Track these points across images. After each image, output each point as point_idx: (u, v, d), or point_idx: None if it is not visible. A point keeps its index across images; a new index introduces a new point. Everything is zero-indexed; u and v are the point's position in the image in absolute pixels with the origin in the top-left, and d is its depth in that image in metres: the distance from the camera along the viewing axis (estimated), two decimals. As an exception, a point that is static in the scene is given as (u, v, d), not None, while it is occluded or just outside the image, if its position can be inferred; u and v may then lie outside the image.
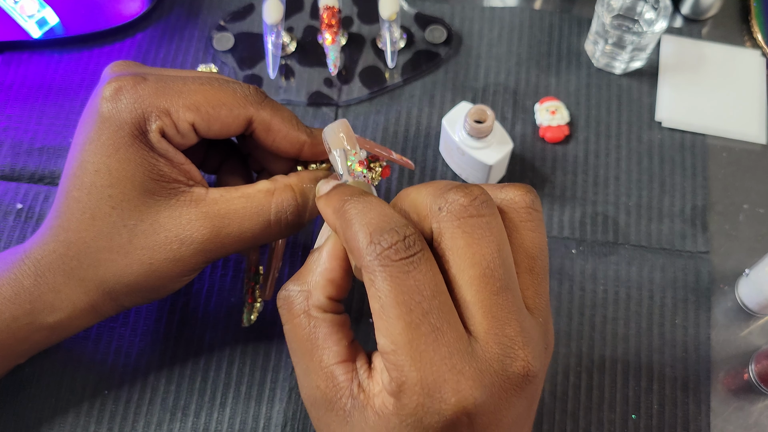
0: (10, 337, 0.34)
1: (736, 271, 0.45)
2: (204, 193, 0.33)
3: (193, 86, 0.33)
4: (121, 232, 0.32)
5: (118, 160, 0.32)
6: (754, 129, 0.50)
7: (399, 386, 0.25)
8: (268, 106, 0.34)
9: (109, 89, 0.32)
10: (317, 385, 0.28)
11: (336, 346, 0.28)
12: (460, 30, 0.53)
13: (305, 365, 0.29)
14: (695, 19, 0.54)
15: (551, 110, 0.49)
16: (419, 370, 0.25)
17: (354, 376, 0.27)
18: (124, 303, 0.35)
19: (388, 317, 0.25)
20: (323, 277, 0.29)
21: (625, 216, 0.47)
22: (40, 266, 0.34)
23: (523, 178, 0.48)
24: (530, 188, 0.29)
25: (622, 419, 0.41)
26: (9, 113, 0.50)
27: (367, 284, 0.26)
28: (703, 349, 0.43)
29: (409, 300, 0.25)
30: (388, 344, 0.25)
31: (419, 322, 0.25)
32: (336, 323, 0.29)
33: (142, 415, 0.40)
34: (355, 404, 0.27)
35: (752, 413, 0.41)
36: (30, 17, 0.51)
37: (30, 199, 0.46)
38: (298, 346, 0.29)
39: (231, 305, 0.43)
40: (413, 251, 0.25)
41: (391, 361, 0.25)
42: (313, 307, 0.29)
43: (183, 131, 0.32)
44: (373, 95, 0.51)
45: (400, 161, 0.37)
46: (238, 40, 0.53)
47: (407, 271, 0.25)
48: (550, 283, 0.44)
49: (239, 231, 0.33)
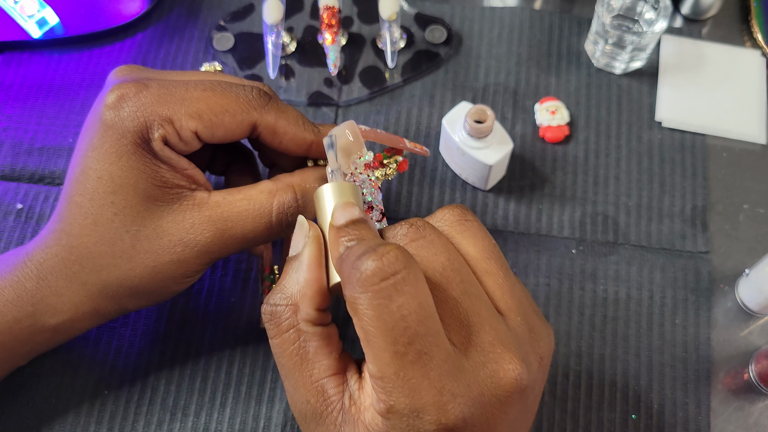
0: (12, 339, 0.34)
1: (736, 271, 0.45)
2: (206, 197, 0.33)
3: (196, 93, 0.32)
4: (123, 238, 0.32)
5: (120, 167, 0.32)
6: (754, 129, 0.50)
7: (388, 409, 0.25)
8: (272, 109, 0.34)
9: (111, 97, 0.32)
10: (307, 399, 0.28)
11: (326, 359, 0.28)
12: (460, 30, 0.53)
13: (294, 380, 0.28)
14: (695, 19, 0.54)
15: (551, 110, 0.49)
16: (407, 396, 0.25)
17: (345, 389, 0.27)
18: (127, 306, 0.35)
19: (373, 347, 0.25)
20: (310, 288, 0.28)
21: (625, 216, 0.47)
22: (43, 269, 0.34)
23: (523, 178, 0.48)
24: (458, 205, 0.31)
25: (622, 419, 0.41)
26: (9, 113, 0.50)
27: (350, 312, 0.25)
28: (703, 349, 0.43)
29: (394, 328, 0.24)
30: (377, 372, 0.25)
31: (405, 351, 0.24)
32: (326, 336, 0.28)
33: (142, 415, 0.40)
34: (346, 418, 0.27)
35: (752, 413, 0.41)
36: (30, 17, 0.51)
37: (30, 199, 0.46)
38: (287, 361, 0.28)
39: (231, 305, 0.43)
40: (394, 269, 0.25)
41: (380, 386, 0.25)
42: (302, 321, 0.28)
43: (186, 139, 0.32)
44: (373, 95, 0.51)
45: (415, 149, 0.36)
46: (238, 40, 0.53)
47: (389, 296, 0.24)
48: (550, 282, 0.44)
49: (242, 232, 0.33)
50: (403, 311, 0.24)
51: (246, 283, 0.44)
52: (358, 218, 0.28)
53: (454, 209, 0.30)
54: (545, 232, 0.46)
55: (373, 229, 0.28)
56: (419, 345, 0.25)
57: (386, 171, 0.35)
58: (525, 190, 0.47)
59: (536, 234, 0.46)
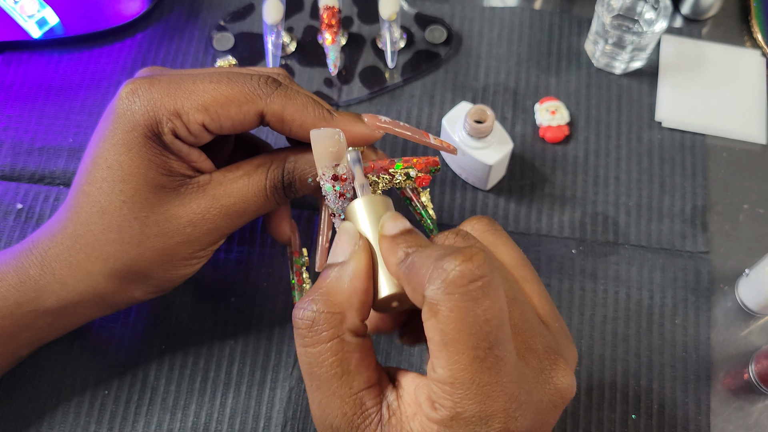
0: (13, 324, 0.34)
1: (736, 271, 0.45)
2: (208, 177, 0.34)
3: (203, 86, 0.33)
4: (132, 225, 0.33)
5: (130, 157, 0.32)
6: (754, 129, 0.50)
7: (453, 417, 0.24)
8: (279, 97, 0.33)
9: (125, 91, 0.33)
10: (344, 412, 0.27)
11: (366, 371, 0.27)
12: (460, 30, 0.53)
13: (330, 392, 0.27)
14: (695, 19, 0.54)
15: (551, 110, 0.49)
16: (480, 403, 0.24)
17: (382, 399, 0.27)
18: (134, 294, 0.35)
19: (450, 351, 0.24)
20: (358, 298, 0.27)
21: (625, 216, 0.47)
22: (47, 257, 0.34)
23: (523, 178, 0.48)
24: (483, 216, 0.30)
25: (622, 419, 0.41)
26: (9, 113, 0.50)
27: (427, 315, 0.25)
28: (703, 349, 0.43)
29: (477, 332, 0.24)
30: (448, 377, 0.24)
31: (485, 356, 0.24)
32: (367, 348, 0.27)
33: (142, 415, 0.40)
34: (387, 430, 0.26)
35: (752, 413, 0.41)
36: (30, 17, 0.51)
37: (30, 199, 0.46)
38: (325, 372, 0.27)
39: (231, 305, 0.43)
40: (483, 272, 0.24)
41: (448, 392, 0.24)
42: (348, 331, 0.27)
43: (195, 132, 0.33)
44: (373, 95, 0.51)
45: (440, 146, 0.35)
46: (238, 40, 0.53)
47: (476, 299, 0.24)
48: (550, 283, 0.44)
49: (244, 206, 0.34)
50: (488, 315, 0.24)
51: (246, 283, 0.44)
52: (410, 228, 0.28)
53: (482, 219, 0.30)
54: (545, 232, 0.46)
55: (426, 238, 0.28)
56: (498, 350, 0.24)
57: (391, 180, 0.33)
58: (525, 190, 0.47)
59: (536, 234, 0.46)
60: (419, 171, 0.33)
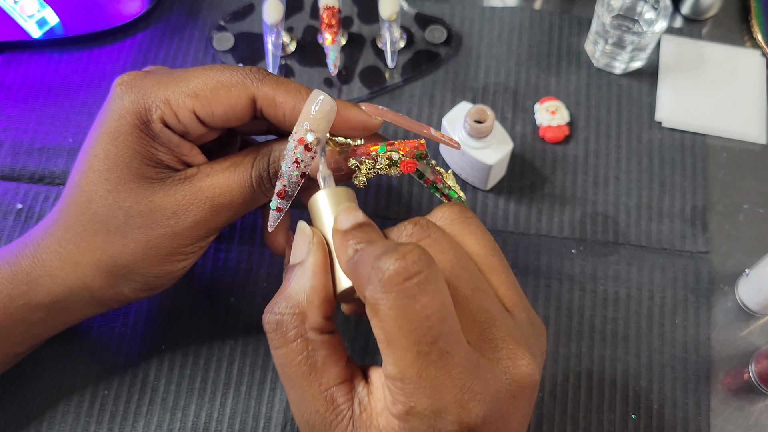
0: (7, 318, 0.34)
1: (736, 271, 0.45)
2: (195, 170, 0.34)
3: (194, 73, 0.33)
4: (116, 215, 0.33)
5: (116, 146, 0.32)
6: (754, 129, 0.50)
7: (407, 411, 0.25)
8: (269, 82, 0.33)
9: (118, 81, 0.33)
10: (316, 409, 0.27)
11: (334, 367, 0.27)
12: (460, 30, 0.53)
13: (302, 390, 0.28)
14: (695, 19, 0.54)
15: (551, 110, 0.49)
16: (429, 396, 0.24)
17: (353, 396, 0.27)
18: (123, 291, 0.35)
19: (394, 349, 0.24)
20: (317, 295, 0.28)
21: (625, 216, 0.47)
22: (39, 248, 0.34)
23: (523, 178, 0.48)
24: (456, 203, 0.30)
25: (622, 419, 0.41)
26: (9, 113, 0.50)
27: (369, 314, 0.25)
28: (703, 349, 0.43)
29: (419, 328, 0.24)
30: (397, 373, 0.25)
31: (428, 350, 0.24)
32: (333, 344, 0.28)
33: (142, 415, 0.40)
34: (357, 425, 0.26)
35: (752, 413, 0.41)
36: (30, 17, 0.51)
37: (30, 199, 0.46)
38: (294, 372, 0.28)
39: (231, 305, 0.43)
40: (417, 268, 0.24)
41: (400, 388, 0.25)
42: (311, 330, 0.28)
43: (184, 120, 0.33)
44: (373, 95, 0.51)
45: (442, 140, 0.34)
46: (238, 40, 0.53)
47: (413, 296, 0.24)
48: (550, 283, 0.44)
49: (230, 198, 0.34)
50: (427, 310, 0.24)
51: (246, 283, 0.44)
52: (363, 222, 0.28)
53: (453, 206, 0.30)
54: (545, 233, 0.46)
55: (379, 231, 0.28)
56: (442, 344, 0.24)
57: (374, 166, 0.31)
58: (525, 190, 0.47)
59: (536, 234, 0.46)
60: (403, 155, 0.31)
